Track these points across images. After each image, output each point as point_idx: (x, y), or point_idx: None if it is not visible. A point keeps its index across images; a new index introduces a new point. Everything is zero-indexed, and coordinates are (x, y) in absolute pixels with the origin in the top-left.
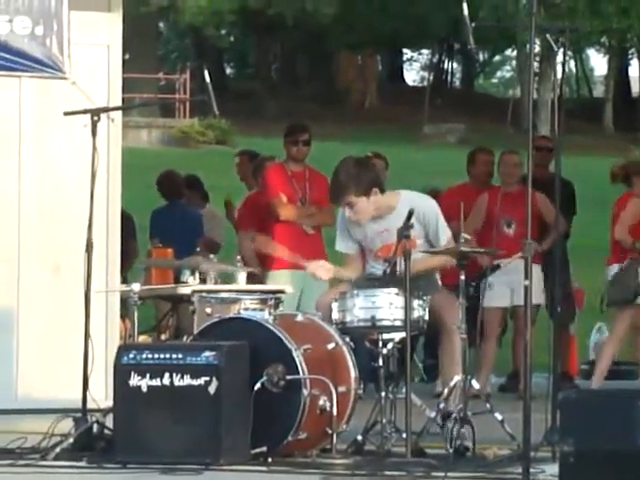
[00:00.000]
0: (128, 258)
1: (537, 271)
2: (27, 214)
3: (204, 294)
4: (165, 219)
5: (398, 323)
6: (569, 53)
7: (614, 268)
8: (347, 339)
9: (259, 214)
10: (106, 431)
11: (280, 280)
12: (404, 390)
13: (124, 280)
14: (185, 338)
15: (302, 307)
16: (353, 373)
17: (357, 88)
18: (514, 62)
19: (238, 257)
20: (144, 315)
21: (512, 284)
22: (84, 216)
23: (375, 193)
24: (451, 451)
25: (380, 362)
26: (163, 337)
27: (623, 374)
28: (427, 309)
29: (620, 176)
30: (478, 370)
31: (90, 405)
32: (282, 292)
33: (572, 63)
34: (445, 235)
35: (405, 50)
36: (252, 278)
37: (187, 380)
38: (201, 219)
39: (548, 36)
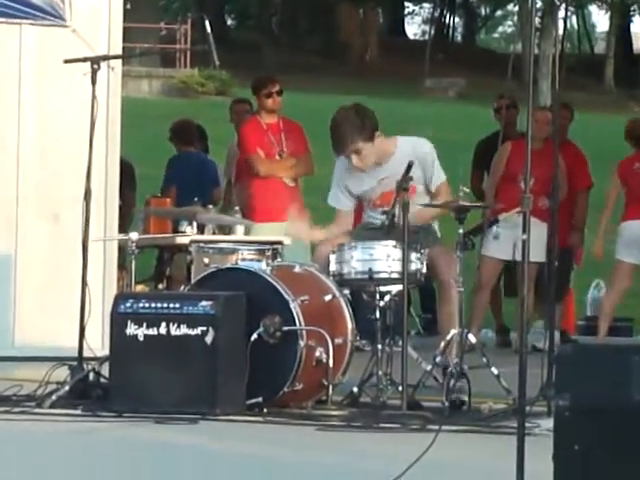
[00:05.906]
0: (126, 209)
1: (543, 228)
2: (26, 162)
3: (202, 244)
4: (183, 167)
5: (395, 275)
6: (571, 9)
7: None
8: (345, 291)
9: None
10: (102, 380)
11: (263, 233)
12: (400, 343)
13: (123, 231)
14: (182, 288)
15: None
16: (350, 325)
17: (358, 41)
18: (516, 17)
19: (236, 208)
20: (142, 264)
21: (517, 239)
22: (83, 165)
23: (378, 136)
24: (447, 404)
25: (377, 314)
26: (160, 286)
27: (619, 330)
28: (425, 262)
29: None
30: (469, 322)
31: (86, 353)
32: (280, 243)
33: (574, 19)
34: (439, 179)
35: (406, 3)
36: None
37: (184, 330)
38: (217, 169)
39: None
